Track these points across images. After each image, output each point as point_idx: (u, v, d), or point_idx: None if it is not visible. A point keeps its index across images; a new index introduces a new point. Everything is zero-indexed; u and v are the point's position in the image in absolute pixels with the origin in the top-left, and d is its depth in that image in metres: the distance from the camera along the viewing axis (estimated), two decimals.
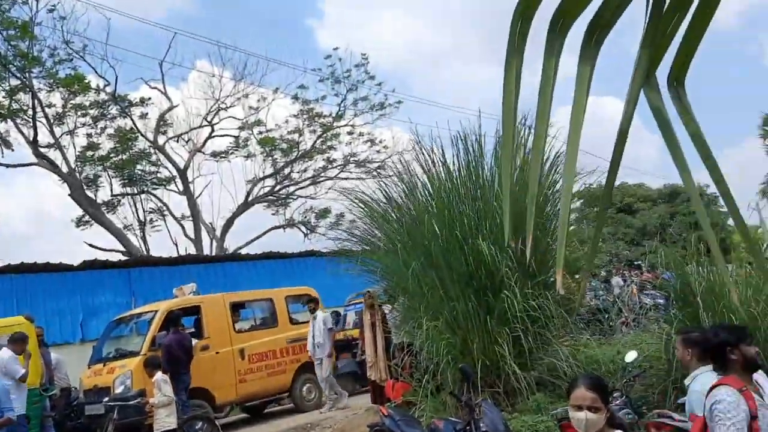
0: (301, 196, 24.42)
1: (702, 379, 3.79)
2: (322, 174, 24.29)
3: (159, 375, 8.28)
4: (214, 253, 21.99)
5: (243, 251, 22.45)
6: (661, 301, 11.67)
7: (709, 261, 7.61)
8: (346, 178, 22.88)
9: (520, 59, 1.23)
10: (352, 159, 24.25)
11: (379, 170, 20.10)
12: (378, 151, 24.13)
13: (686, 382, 4.05)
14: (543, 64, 1.22)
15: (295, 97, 23.32)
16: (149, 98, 22.31)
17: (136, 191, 23.08)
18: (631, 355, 6.78)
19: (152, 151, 22.63)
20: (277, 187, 24.27)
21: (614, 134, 1.24)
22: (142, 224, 23.30)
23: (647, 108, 1.27)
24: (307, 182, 24.25)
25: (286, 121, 23.67)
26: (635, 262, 21.16)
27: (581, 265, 10.10)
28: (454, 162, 8.76)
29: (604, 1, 1.18)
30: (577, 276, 9.99)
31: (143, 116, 22.30)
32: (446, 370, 7.61)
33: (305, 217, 24.42)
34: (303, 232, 24.20)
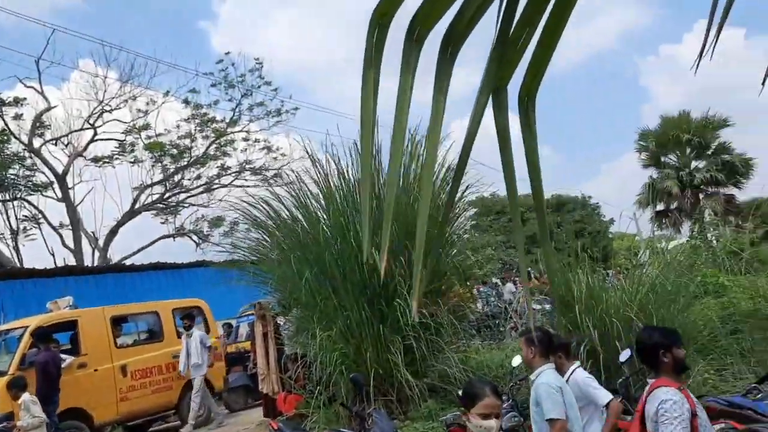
0: (193, 204, 23.50)
1: (546, 374, 4.20)
2: (216, 181, 23.47)
3: (26, 396, 7.67)
4: (95, 264, 20.73)
5: (129, 262, 21.30)
6: (548, 306, 12.19)
7: (588, 267, 8.01)
8: (240, 186, 22.16)
9: (377, 70, 1.19)
10: (247, 166, 23.64)
11: (275, 178, 19.73)
12: (275, 158, 23.66)
13: (531, 377, 4.44)
14: (399, 77, 1.18)
15: (186, 101, 22.50)
16: (24, 98, 20.78)
17: (8, 197, 21.39)
18: (517, 360, 6.99)
19: (27, 154, 21.05)
20: (167, 195, 23.17)
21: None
22: (15, 233, 21.62)
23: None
24: (200, 190, 23.35)
25: (177, 126, 22.69)
26: (526, 269, 21.94)
27: (473, 273, 10.40)
28: (349, 171, 8.76)
29: (458, 11, 1.16)
30: (468, 283, 10.28)
31: (17, 117, 20.70)
32: (339, 380, 7.57)
33: (197, 225, 23.49)
34: (194, 242, 23.26)
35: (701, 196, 28.75)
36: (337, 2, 53.97)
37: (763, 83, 1.36)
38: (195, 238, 23.32)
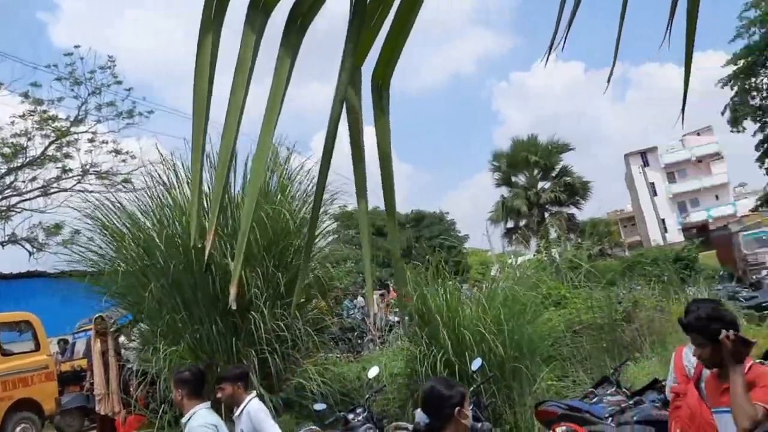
0: (28, 209, 21.26)
1: (198, 416, 3.89)
2: (55, 184, 21.44)
3: None
4: None
5: None
6: (406, 318, 12.38)
7: (444, 281, 8.19)
8: (83, 191, 20.34)
9: (216, 35, 1.04)
10: (92, 169, 21.83)
11: (123, 183, 18.39)
12: (123, 161, 22.00)
13: (183, 420, 4.03)
14: (240, 46, 1.04)
15: (26, 95, 20.43)
16: None
17: None
18: (373, 371, 6.99)
19: None
20: None
21: (371, 164, 1.12)
22: None
23: (401, 137, 1.17)
24: (36, 193, 21.21)
25: (12, 122, 20.57)
26: (385, 282, 22.34)
27: (337, 285, 10.30)
28: (205, 178, 8.34)
29: None
30: (328, 296, 10.16)
31: None
32: None
33: (32, 233, 21.26)
34: (28, 251, 21.00)
35: (546, 214, 30.94)
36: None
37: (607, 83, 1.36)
38: (29, 246, 21.10)
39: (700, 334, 3.14)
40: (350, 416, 6.41)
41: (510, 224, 31.38)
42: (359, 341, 11.39)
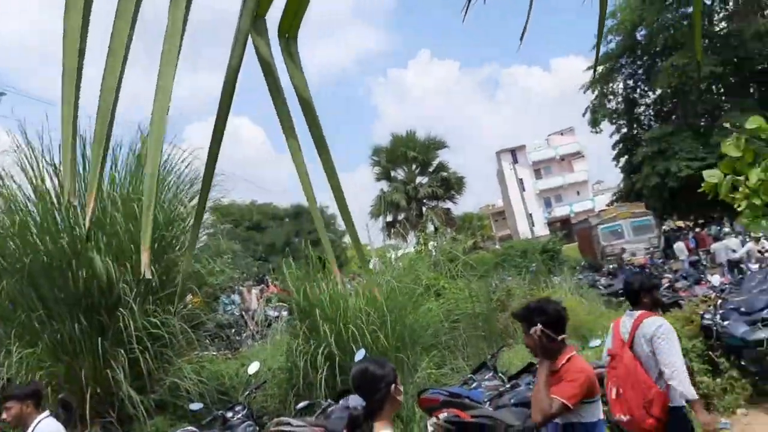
0: None
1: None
2: None
3: None
4: None
5: None
6: (285, 313, 12.17)
7: (326, 275, 8.10)
8: None
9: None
10: None
11: None
12: None
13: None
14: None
15: None
16: None
17: None
18: (253, 367, 6.76)
19: None
20: None
21: (251, 157, 0.98)
22: None
23: (278, 130, 1.11)
24: None
25: None
26: (263, 277, 21.90)
27: (209, 281, 9.89)
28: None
29: None
30: (203, 290, 9.73)
31: None
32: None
33: None
34: None
35: (424, 208, 31.71)
36: None
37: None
38: None
39: (529, 324, 3.34)
40: (229, 414, 6.15)
41: (389, 218, 31.89)
42: (237, 337, 11.03)
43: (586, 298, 12.11)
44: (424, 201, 31.59)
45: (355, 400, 2.66)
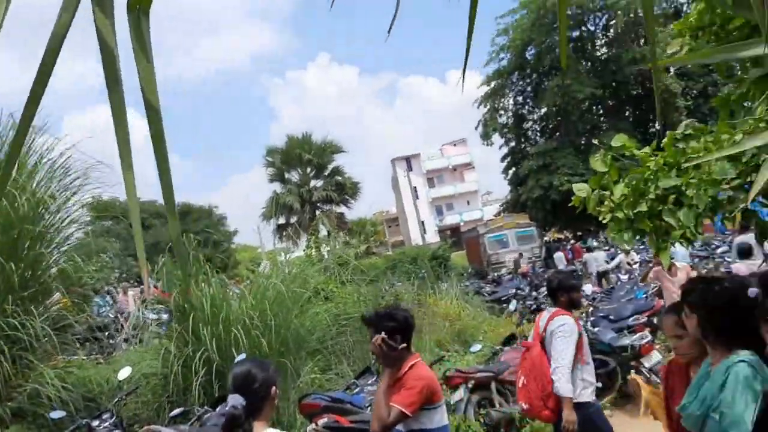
0: None
1: None
2: None
3: None
4: None
5: None
6: (165, 316, 11.62)
7: (210, 276, 7.81)
8: None
9: None
10: None
11: None
12: None
13: None
14: None
15: None
16: None
17: None
18: (124, 372, 6.38)
19: None
20: None
21: (137, 151, 0.87)
22: None
23: (169, 123, 0.94)
24: None
25: None
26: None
27: (80, 281, 9.27)
28: None
29: None
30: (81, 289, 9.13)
31: None
32: None
33: None
34: None
35: (318, 212, 31.55)
36: None
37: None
38: None
39: (376, 330, 3.29)
40: (95, 423, 5.75)
41: (282, 220, 31.45)
42: (111, 341, 10.39)
43: (471, 305, 12.47)
44: (318, 204, 31.45)
45: (235, 399, 2.57)
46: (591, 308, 9.87)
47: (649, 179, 2.44)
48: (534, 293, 13.93)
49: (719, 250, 16.22)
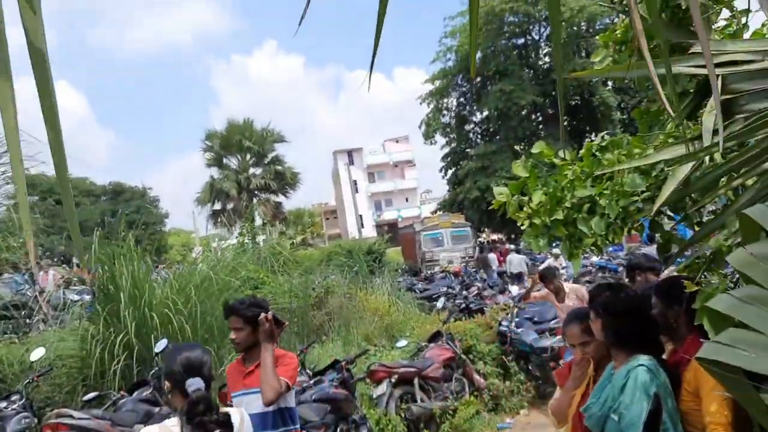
0: None
1: None
2: None
3: None
4: None
5: None
6: (88, 297, 11.26)
7: (136, 258, 7.62)
8: None
9: None
10: None
11: None
12: None
13: None
14: None
15: None
16: None
17: None
18: (36, 353, 6.14)
19: None
20: None
21: (69, 126, 0.81)
22: None
23: (104, 99, 0.88)
24: None
25: None
26: (71, 257, 20.20)
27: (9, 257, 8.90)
28: None
29: None
30: None
31: None
32: None
33: None
34: None
35: (255, 200, 31.11)
36: None
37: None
38: None
39: (240, 317, 3.45)
40: (2, 404, 5.54)
41: (218, 206, 30.84)
42: (27, 320, 9.97)
43: (402, 301, 12.57)
44: (256, 192, 31.00)
45: (197, 383, 2.54)
46: (516, 309, 10.14)
47: (565, 188, 2.53)
48: (464, 292, 14.16)
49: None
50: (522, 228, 2.67)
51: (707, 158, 2.12)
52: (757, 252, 1.12)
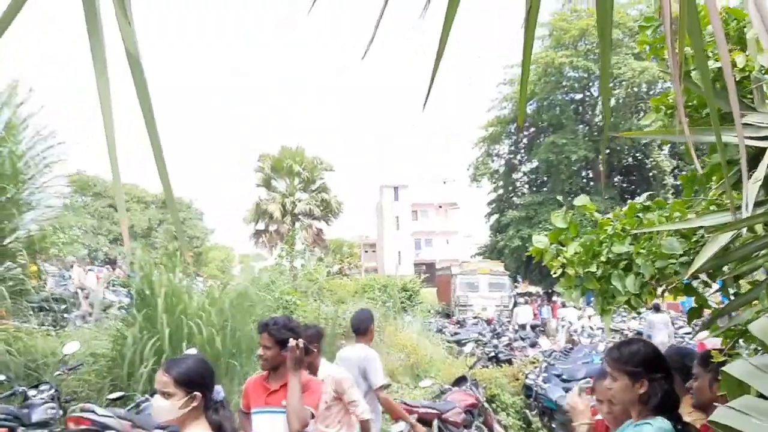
0: None
1: None
2: None
3: None
4: None
5: None
6: (127, 299, 11.56)
7: (173, 268, 7.81)
8: None
9: None
10: None
11: None
12: None
13: None
14: None
15: None
16: None
17: None
18: (71, 347, 6.33)
19: None
20: None
21: None
22: None
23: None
24: None
25: None
26: (114, 258, 20.75)
27: (46, 248, 9.21)
28: None
29: None
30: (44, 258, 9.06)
31: None
32: None
33: None
34: None
35: (298, 224, 31.50)
36: None
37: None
38: None
39: (271, 336, 3.45)
40: (31, 392, 5.69)
41: (261, 226, 31.35)
42: (66, 315, 10.27)
43: (431, 342, 12.49)
44: (300, 217, 31.41)
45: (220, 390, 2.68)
46: (545, 364, 9.95)
47: (603, 242, 2.54)
48: (495, 341, 13.98)
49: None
50: (555, 277, 2.67)
51: (746, 229, 2.12)
52: None
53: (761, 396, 1.07)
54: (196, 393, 2.57)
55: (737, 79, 2.42)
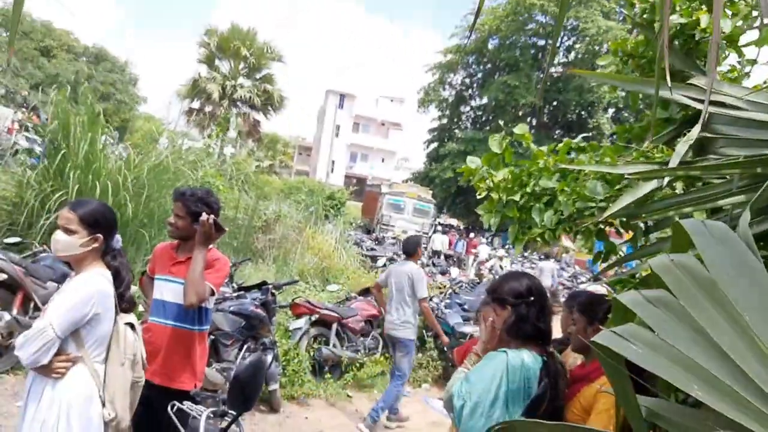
0: None
1: None
2: None
3: None
4: None
5: None
6: (39, 148, 10.99)
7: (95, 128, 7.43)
8: None
9: None
10: None
11: None
12: None
13: None
14: None
15: None
16: None
17: None
18: None
19: None
20: None
21: None
22: None
23: None
24: None
25: None
26: (34, 105, 19.62)
27: None
28: None
29: None
30: None
31: None
32: None
33: None
34: None
35: (235, 110, 30.49)
36: None
37: None
38: None
39: (185, 206, 3.38)
40: None
41: (196, 105, 30.12)
42: None
43: (348, 253, 12.61)
44: (238, 103, 30.34)
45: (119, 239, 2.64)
46: (451, 291, 10.30)
47: (532, 174, 2.55)
48: None
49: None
50: (479, 198, 2.67)
51: (668, 187, 2.16)
52: (677, 261, 1.15)
53: (645, 326, 1.10)
54: (98, 234, 2.57)
55: (697, 39, 2.42)
